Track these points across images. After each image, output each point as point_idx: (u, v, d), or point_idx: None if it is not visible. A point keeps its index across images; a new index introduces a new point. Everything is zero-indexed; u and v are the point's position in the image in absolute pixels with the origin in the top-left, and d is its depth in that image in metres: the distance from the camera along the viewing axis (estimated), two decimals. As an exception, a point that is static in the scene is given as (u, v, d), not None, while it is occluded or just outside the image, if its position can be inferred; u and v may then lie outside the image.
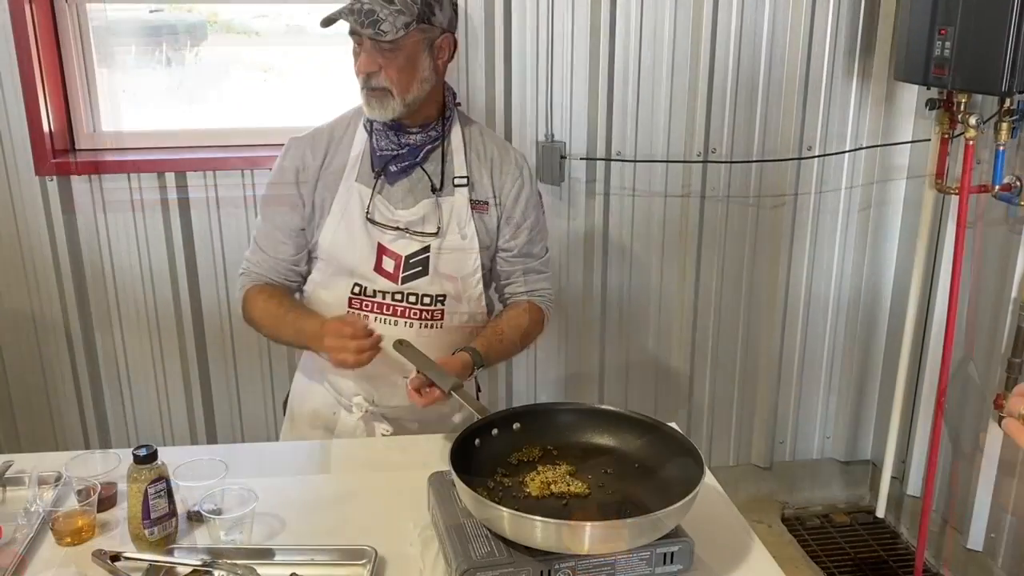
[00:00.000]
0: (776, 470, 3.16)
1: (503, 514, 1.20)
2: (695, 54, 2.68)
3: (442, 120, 1.76)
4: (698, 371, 3.00)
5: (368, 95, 1.68)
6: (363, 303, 1.76)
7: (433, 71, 1.70)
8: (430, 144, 1.75)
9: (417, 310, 1.75)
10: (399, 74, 1.65)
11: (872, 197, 2.90)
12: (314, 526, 1.43)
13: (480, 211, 1.78)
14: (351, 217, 1.74)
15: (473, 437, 1.41)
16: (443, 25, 1.69)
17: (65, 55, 2.52)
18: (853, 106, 2.80)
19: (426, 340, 1.74)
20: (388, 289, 1.74)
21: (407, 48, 1.64)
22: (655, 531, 1.22)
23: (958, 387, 2.67)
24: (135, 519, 1.34)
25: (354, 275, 1.75)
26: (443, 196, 1.75)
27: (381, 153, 1.74)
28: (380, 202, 1.74)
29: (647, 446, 1.44)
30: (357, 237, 1.74)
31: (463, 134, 1.80)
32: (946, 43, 2.22)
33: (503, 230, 1.82)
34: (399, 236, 1.74)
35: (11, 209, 2.53)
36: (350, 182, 1.75)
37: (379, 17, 1.60)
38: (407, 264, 1.74)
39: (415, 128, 1.74)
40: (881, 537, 3.01)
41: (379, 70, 1.65)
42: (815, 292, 2.98)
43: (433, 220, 1.74)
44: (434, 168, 1.76)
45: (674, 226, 2.82)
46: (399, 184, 1.76)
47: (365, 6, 1.60)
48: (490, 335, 1.78)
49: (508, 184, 1.80)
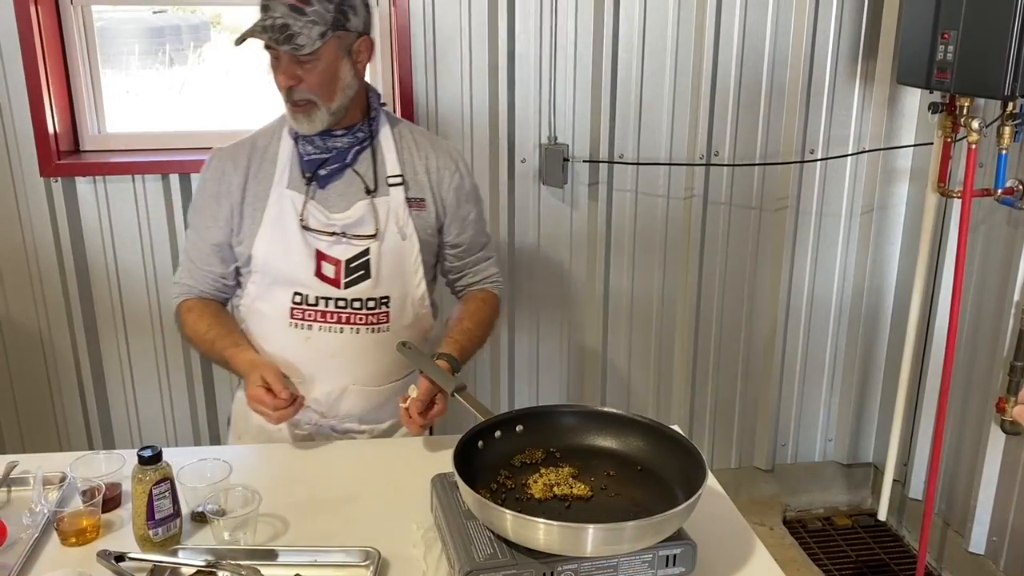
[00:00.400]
0: (778, 472, 3.16)
1: (506, 516, 1.20)
2: (698, 57, 2.68)
3: (368, 121, 1.74)
4: (700, 373, 3.00)
5: (293, 109, 1.66)
6: (305, 312, 1.72)
7: (354, 76, 1.69)
8: (358, 146, 1.73)
9: (362, 315, 1.73)
10: (321, 84, 1.63)
11: (874, 200, 2.90)
12: (318, 527, 1.44)
13: (418, 208, 1.76)
14: (285, 225, 1.70)
15: (476, 439, 1.41)
16: (359, 29, 1.67)
17: (70, 56, 2.53)
18: (856, 109, 2.80)
19: (373, 344, 1.74)
20: (331, 295, 1.71)
21: (325, 57, 1.62)
22: (658, 533, 1.22)
23: (960, 390, 2.67)
24: (139, 520, 1.35)
25: (294, 284, 1.72)
26: (378, 197, 1.72)
27: (309, 158, 1.71)
28: (314, 208, 1.71)
29: (650, 448, 1.44)
30: (293, 245, 1.70)
31: (392, 133, 1.78)
32: (949, 47, 2.22)
33: (449, 228, 1.81)
34: (336, 241, 1.70)
35: (16, 210, 2.54)
36: (281, 190, 1.71)
37: (293, 31, 1.57)
38: (348, 269, 1.71)
39: (341, 131, 1.71)
40: (883, 540, 3.01)
41: (299, 83, 1.62)
42: (817, 295, 2.98)
43: (370, 222, 1.71)
44: (366, 169, 1.74)
45: (677, 229, 2.83)
46: (331, 188, 1.73)
47: (278, 21, 1.57)
48: (459, 336, 1.78)
49: (446, 180, 1.78)
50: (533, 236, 2.77)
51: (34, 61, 2.40)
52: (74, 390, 2.71)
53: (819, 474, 3.19)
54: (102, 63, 2.58)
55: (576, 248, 2.80)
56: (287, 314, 1.73)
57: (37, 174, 2.51)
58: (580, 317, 2.88)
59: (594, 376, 2.95)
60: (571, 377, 2.94)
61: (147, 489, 1.34)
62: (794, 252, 2.91)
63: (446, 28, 2.56)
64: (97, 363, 2.70)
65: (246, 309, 1.78)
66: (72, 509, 1.40)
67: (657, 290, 2.89)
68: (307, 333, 1.73)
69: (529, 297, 2.83)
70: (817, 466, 3.19)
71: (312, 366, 1.74)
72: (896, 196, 2.91)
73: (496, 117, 2.65)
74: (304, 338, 1.73)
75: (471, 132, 2.65)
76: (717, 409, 3.06)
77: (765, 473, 3.14)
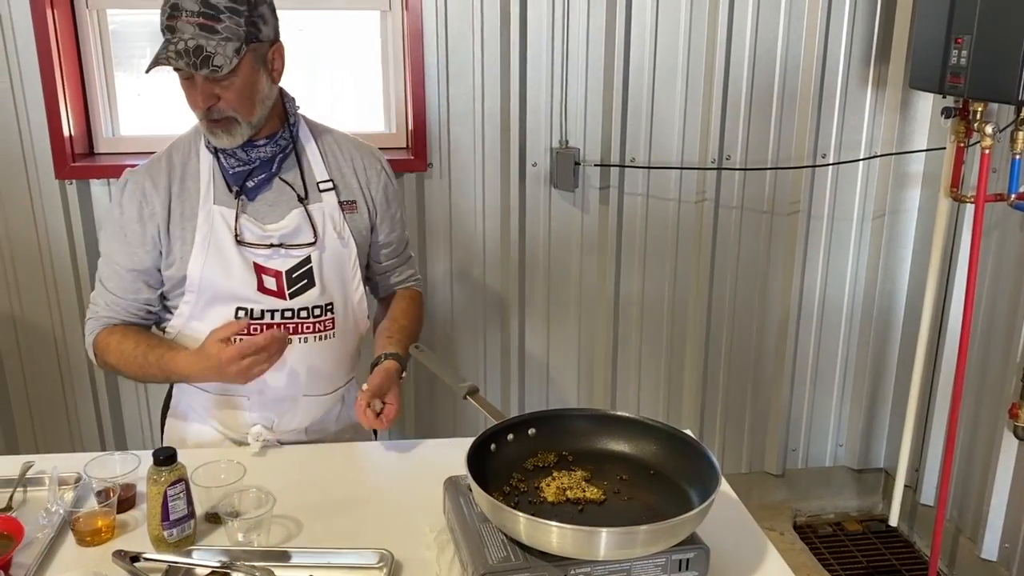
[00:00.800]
0: (788, 477, 3.15)
1: (520, 519, 1.21)
2: (710, 61, 2.68)
3: (287, 127, 1.69)
4: (711, 377, 3.00)
5: (211, 126, 1.59)
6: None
7: (271, 86, 1.64)
8: (281, 153, 1.68)
9: (309, 323, 1.70)
10: (239, 101, 1.57)
11: (886, 205, 2.89)
12: (331, 529, 1.44)
13: (350, 211, 1.73)
14: (219, 242, 1.64)
15: (489, 442, 1.41)
16: (271, 38, 1.61)
17: (85, 60, 2.55)
18: (868, 114, 2.80)
19: (320, 351, 1.72)
20: (277, 307, 1.67)
21: (243, 73, 1.55)
22: (671, 538, 1.22)
23: (972, 396, 2.66)
24: (154, 520, 1.36)
25: (236, 300, 1.66)
26: (311, 204, 1.69)
27: (234, 172, 1.66)
28: (247, 221, 1.65)
29: (662, 452, 1.44)
30: (232, 261, 1.64)
31: (314, 137, 1.74)
32: (962, 52, 2.22)
33: (380, 227, 1.80)
34: (274, 253, 1.65)
35: (31, 212, 2.55)
36: (209, 207, 1.64)
37: (208, 52, 1.50)
38: (291, 279, 1.67)
39: (263, 140, 1.66)
40: (894, 546, 3.00)
41: (217, 101, 1.56)
42: (829, 300, 2.97)
43: (307, 230, 1.67)
44: (293, 177, 1.70)
45: (688, 233, 2.83)
46: (261, 199, 1.68)
47: (190, 43, 1.49)
48: (399, 335, 1.79)
49: (374, 180, 1.77)
50: (544, 240, 2.77)
51: (50, 64, 2.42)
52: (87, 391, 2.73)
53: (830, 479, 3.19)
54: (117, 66, 2.60)
55: (587, 252, 2.80)
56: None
57: (52, 176, 2.52)
58: (591, 321, 2.88)
59: (604, 380, 2.95)
60: (581, 380, 2.94)
61: (162, 490, 1.34)
62: (806, 256, 2.91)
63: (458, 33, 2.57)
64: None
65: (177, 331, 1.71)
66: (87, 509, 1.41)
67: (668, 294, 2.88)
68: None
69: (540, 301, 2.83)
70: (828, 471, 3.18)
71: (260, 380, 1.65)
72: (908, 201, 2.90)
73: (508, 121, 2.66)
74: None
75: (483, 136, 2.66)
76: (727, 413, 3.05)
77: (775, 478, 3.14)
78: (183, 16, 1.50)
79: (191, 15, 1.50)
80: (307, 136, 1.74)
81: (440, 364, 1.67)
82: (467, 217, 2.72)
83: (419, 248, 2.73)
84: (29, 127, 2.48)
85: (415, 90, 2.59)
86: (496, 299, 2.82)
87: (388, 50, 2.67)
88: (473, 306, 2.81)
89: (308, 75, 2.72)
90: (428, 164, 2.65)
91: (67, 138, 2.51)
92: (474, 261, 2.77)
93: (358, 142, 1.81)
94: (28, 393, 2.71)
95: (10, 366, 2.68)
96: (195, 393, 1.75)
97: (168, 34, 1.52)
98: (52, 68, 2.43)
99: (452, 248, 2.75)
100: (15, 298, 2.62)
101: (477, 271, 2.78)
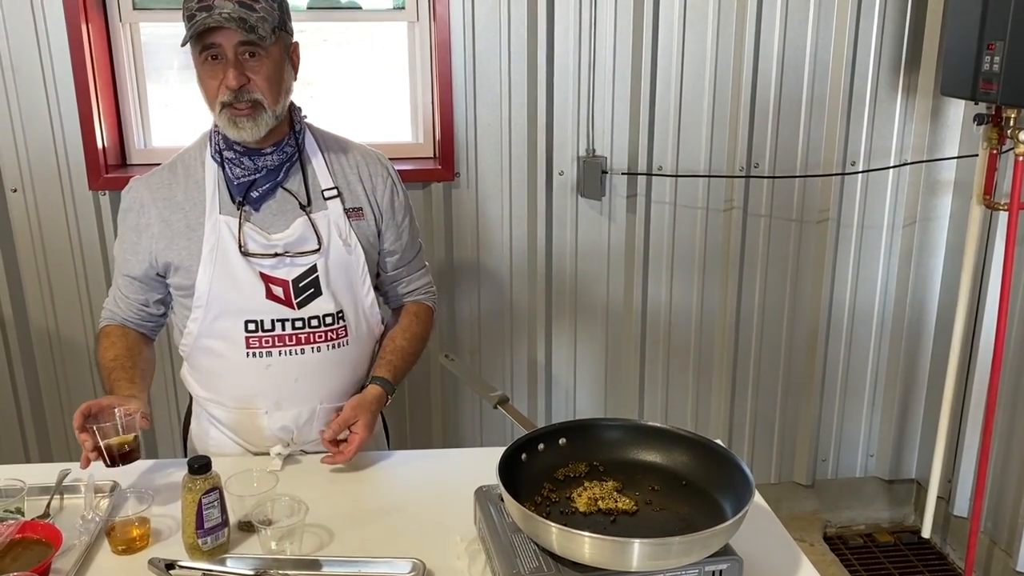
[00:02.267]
0: (818, 488, 3.12)
1: (552, 529, 1.20)
2: (737, 68, 2.67)
3: (293, 135, 1.69)
4: (740, 387, 2.98)
5: (236, 113, 1.58)
6: (262, 339, 1.66)
7: (292, 79, 1.66)
8: (288, 162, 1.68)
9: (321, 332, 1.69)
10: (269, 83, 1.58)
11: (917, 213, 2.86)
12: (362, 538, 1.45)
13: (356, 218, 1.72)
14: (226, 253, 1.64)
15: (520, 452, 1.41)
16: (293, 33, 1.65)
17: (118, 72, 2.59)
18: (898, 121, 2.77)
19: (334, 361, 1.72)
20: (286, 317, 1.66)
21: (274, 55, 1.58)
22: (705, 549, 1.21)
23: (1007, 405, 2.62)
24: (189, 528, 1.37)
25: (245, 312, 1.66)
26: (315, 212, 1.68)
27: (239, 181, 1.65)
28: (251, 231, 1.65)
29: (694, 463, 1.43)
30: (239, 272, 1.64)
31: (319, 145, 1.74)
32: (995, 58, 2.19)
33: (386, 234, 1.78)
34: (279, 262, 1.65)
35: (65, 223, 2.59)
36: (215, 218, 1.65)
37: (251, 23, 1.52)
38: (297, 288, 1.66)
39: (269, 148, 1.66)
40: (927, 558, 2.96)
41: (248, 81, 1.57)
42: (859, 308, 2.94)
43: (311, 238, 1.67)
44: (297, 185, 1.69)
45: (716, 241, 2.81)
46: (265, 208, 1.67)
47: (233, 13, 1.51)
48: (392, 356, 1.78)
49: (380, 187, 1.76)
50: (571, 249, 2.77)
51: (84, 77, 2.46)
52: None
53: (860, 490, 3.15)
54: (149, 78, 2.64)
55: (614, 261, 2.80)
56: (243, 344, 1.67)
57: (86, 187, 2.56)
58: (617, 330, 2.87)
59: (631, 389, 2.93)
60: (608, 390, 2.93)
61: (197, 498, 1.36)
62: (835, 265, 2.89)
63: (486, 42, 2.58)
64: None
65: (190, 349, 1.73)
66: (122, 518, 1.42)
67: (696, 303, 2.87)
68: (267, 360, 1.68)
69: (566, 310, 2.83)
70: (858, 482, 3.14)
71: (276, 393, 1.70)
72: (939, 208, 2.87)
73: (535, 130, 2.66)
74: (264, 366, 1.68)
75: (510, 144, 2.66)
76: (757, 424, 3.03)
77: (805, 488, 3.11)
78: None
79: None
80: (312, 145, 1.73)
81: (469, 374, 1.68)
82: (494, 226, 2.73)
83: (446, 257, 2.73)
84: (64, 138, 2.52)
85: (443, 100, 2.60)
86: (523, 308, 2.82)
87: (416, 61, 2.69)
88: (500, 315, 2.82)
89: (335, 86, 2.75)
90: (455, 173, 2.66)
91: (101, 149, 2.54)
92: (501, 270, 2.77)
93: (365, 149, 1.81)
94: (62, 401, 2.74)
95: (45, 375, 2.72)
96: (214, 405, 1.76)
97: (202, 13, 1.52)
98: (86, 81, 2.47)
99: (479, 257, 2.75)
100: (49, 307, 2.66)
101: (504, 280, 2.78)
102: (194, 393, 1.80)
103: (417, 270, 1.90)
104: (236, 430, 1.75)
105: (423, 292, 1.91)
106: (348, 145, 1.79)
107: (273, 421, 1.72)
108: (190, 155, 1.72)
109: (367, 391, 1.73)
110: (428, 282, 1.92)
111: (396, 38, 2.71)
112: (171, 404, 2.78)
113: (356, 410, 1.68)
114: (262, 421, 1.72)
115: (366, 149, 1.81)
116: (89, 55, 2.47)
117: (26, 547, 1.37)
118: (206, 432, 1.79)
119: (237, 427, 1.75)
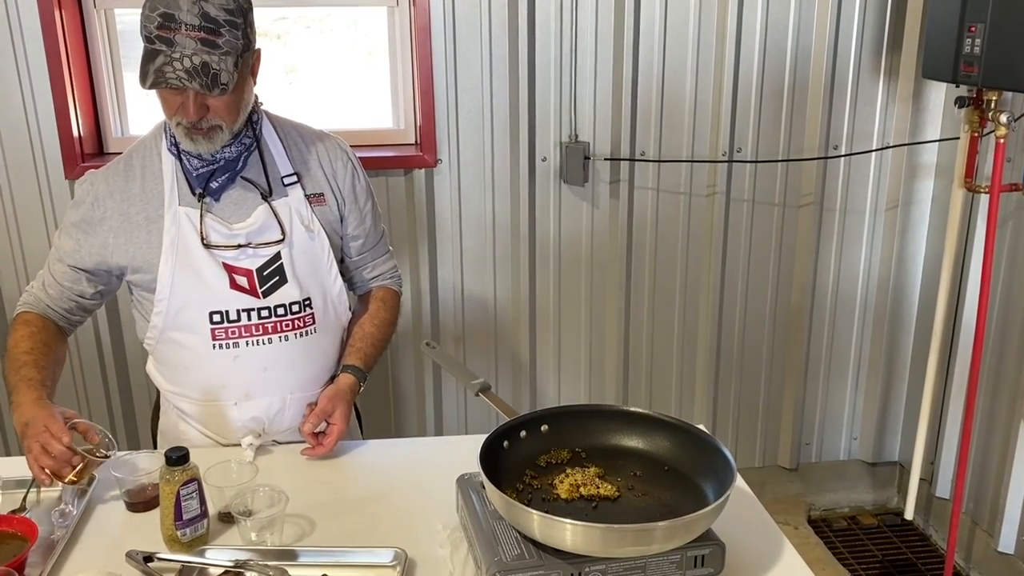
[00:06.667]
0: (802, 471, 3.14)
1: (533, 516, 1.20)
2: (719, 53, 2.66)
3: (251, 125, 1.65)
4: (723, 372, 2.98)
5: (192, 133, 1.54)
6: (228, 330, 1.64)
7: (252, 92, 1.63)
8: (246, 151, 1.64)
9: (288, 321, 1.67)
10: (229, 110, 1.55)
11: (899, 196, 2.87)
12: (344, 528, 1.44)
13: (319, 203, 1.70)
14: (187, 245, 1.61)
15: (502, 439, 1.41)
16: (254, 44, 1.59)
17: (93, 59, 2.55)
18: (880, 104, 2.77)
19: (303, 349, 1.70)
20: (252, 306, 1.64)
21: (238, 85, 1.53)
22: (688, 534, 1.21)
23: (988, 387, 2.63)
24: (167, 520, 1.36)
25: (209, 304, 1.63)
26: (276, 199, 1.66)
27: (198, 172, 1.62)
28: (212, 221, 1.62)
29: (676, 448, 1.43)
30: (201, 264, 1.62)
31: (276, 132, 1.71)
32: (976, 40, 2.19)
33: (348, 219, 1.76)
34: (242, 253, 1.62)
35: (42, 213, 2.56)
36: (174, 209, 1.61)
37: (215, 70, 1.46)
38: (261, 277, 1.64)
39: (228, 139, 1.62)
40: (910, 540, 2.98)
41: (207, 112, 1.53)
42: (842, 292, 2.95)
43: (274, 226, 1.64)
44: (256, 174, 1.66)
45: (699, 226, 2.81)
46: (225, 198, 1.64)
47: (195, 60, 1.45)
48: (361, 344, 1.77)
49: (340, 171, 1.73)
50: (554, 235, 2.76)
51: (59, 64, 2.42)
52: (99, 390, 2.73)
53: (844, 473, 3.17)
54: (125, 66, 2.60)
55: (597, 246, 2.79)
56: (208, 336, 1.64)
57: (62, 176, 2.53)
58: (601, 315, 2.87)
59: (616, 375, 2.93)
60: (592, 376, 2.93)
61: (175, 490, 1.34)
62: (818, 249, 2.89)
63: (466, 27, 2.56)
64: (121, 364, 2.72)
65: (155, 343, 1.70)
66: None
67: (679, 288, 2.87)
68: (234, 352, 1.65)
69: (550, 295, 2.82)
70: (842, 465, 3.16)
71: (245, 385, 1.67)
72: (921, 192, 2.88)
73: (516, 115, 2.65)
74: (232, 357, 1.65)
75: (492, 130, 2.65)
76: (740, 408, 3.04)
77: (789, 472, 3.12)
78: (182, 29, 1.45)
79: (191, 28, 1.45)
80: (270, 131, 1.70)
81: (451, 362, 1.67)
82: (476, 212, 2.71)
83: (428, 244, 2.72)
84: (39, 127, 2.49)
85: (423, 86, 2.58)
86: (506, 294, 2.81)
87: (396, 46, 2.66)
88: (483, 301, 2.81)
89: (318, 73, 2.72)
90: (437, 160, 2.65)
91: (76, 138, 2.51)
92: (484, 256, 2.76)
93: (323, 133, 1.78)
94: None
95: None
96: (181, 399, 1.73)
97: (163, 46, 1.46)
98: (61, 68, 2.43)
99: (462, 244, 2.74)
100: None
101: (487, 266, 2.77)
102: (161, 387, 1.77)
103: (381, 254, 1.87)
104: (205, 423, 1.73)
105: (388, 276, 1.89)
106: (306, 131, 1.76)
107: (243, 412, 1.70)
108: (146, 147, 1.68)
109: (340, 380, 1.71)
110: (393, 267, 1.91)
111: (378, 24, 2.68)
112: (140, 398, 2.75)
113: (333, 400, 1.67)
114: (231, 413, 1.70)
115: (325, 134, 1.78)
116: (63, 42, 2.43)
117: (2, 541, 1.36)
118: (175, 426, 1.77)
119: (206, 420, 1.73)
